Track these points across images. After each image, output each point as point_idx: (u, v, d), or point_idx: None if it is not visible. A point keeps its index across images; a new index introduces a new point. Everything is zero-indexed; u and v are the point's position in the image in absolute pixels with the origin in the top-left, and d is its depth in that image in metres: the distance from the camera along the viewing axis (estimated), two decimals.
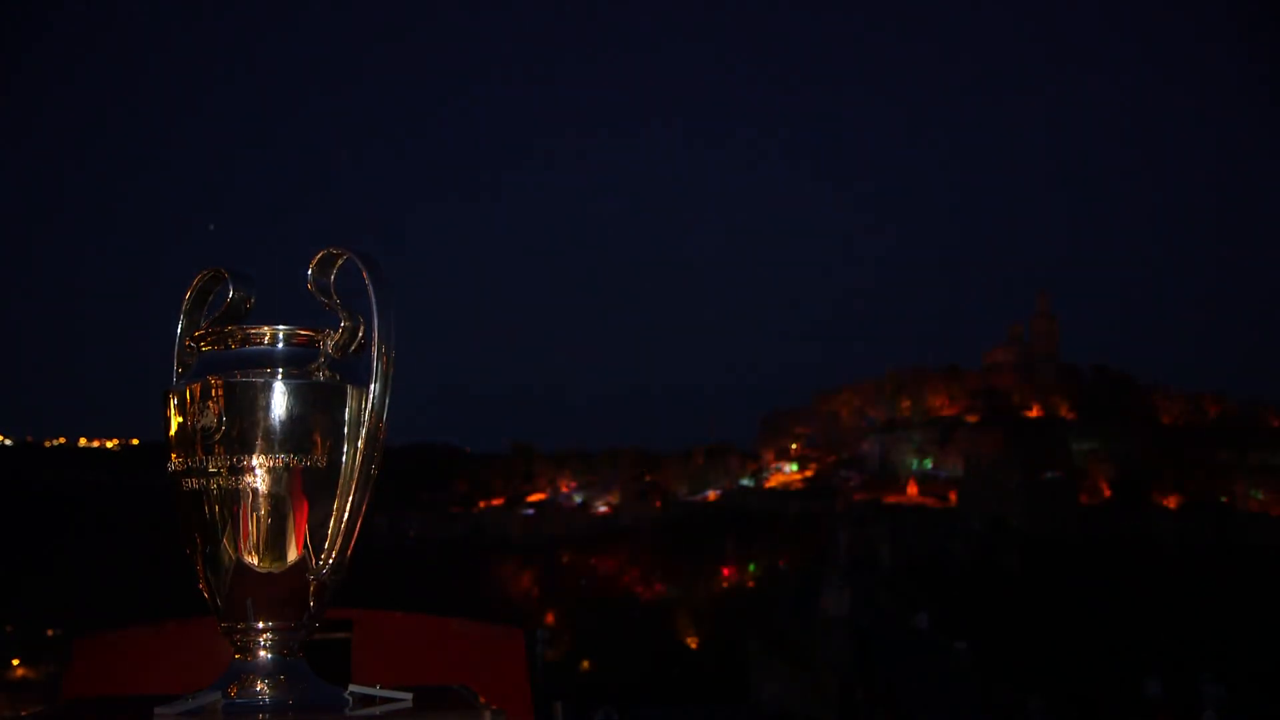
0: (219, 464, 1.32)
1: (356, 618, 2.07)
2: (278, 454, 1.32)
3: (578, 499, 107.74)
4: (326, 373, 1.35)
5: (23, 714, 1.41)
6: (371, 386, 1.36)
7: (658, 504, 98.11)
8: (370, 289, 1.35)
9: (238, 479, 1.32)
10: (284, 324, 1.38)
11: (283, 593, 1.35)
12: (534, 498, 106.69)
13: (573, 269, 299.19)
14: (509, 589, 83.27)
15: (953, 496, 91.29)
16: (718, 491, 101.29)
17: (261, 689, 1.35)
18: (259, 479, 1.32)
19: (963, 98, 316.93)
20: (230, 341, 1.37)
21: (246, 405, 1.32)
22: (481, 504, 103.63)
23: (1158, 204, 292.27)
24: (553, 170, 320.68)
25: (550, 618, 73.35)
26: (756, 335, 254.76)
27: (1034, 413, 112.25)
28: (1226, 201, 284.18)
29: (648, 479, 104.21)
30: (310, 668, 1.40)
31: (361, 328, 1.38)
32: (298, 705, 1.34)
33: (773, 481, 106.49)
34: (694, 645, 69.85)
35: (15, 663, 60.55)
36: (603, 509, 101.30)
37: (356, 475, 1.36)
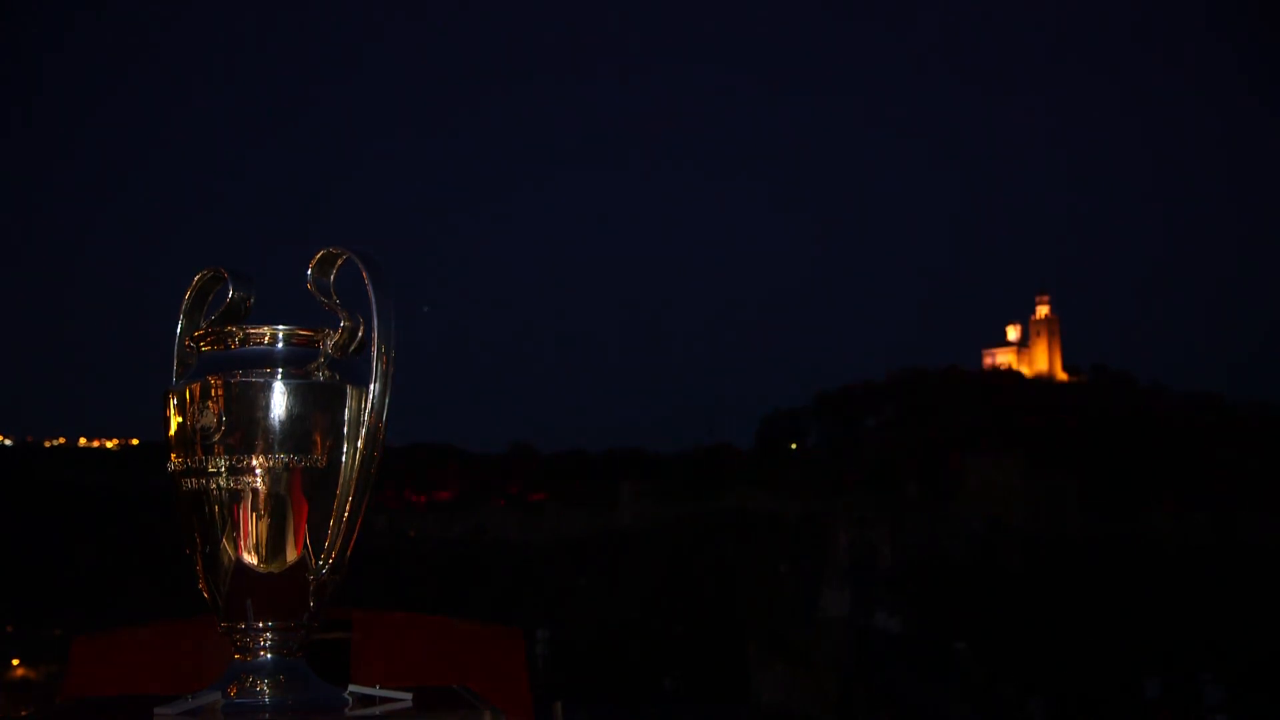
0: (219, 464, 1.32)
1: (356, 618, 2.07)
2: (278, 454, 1.32)
3: (576, 499, 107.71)
4: (326, 373, 1.35)
5: (23, 714, 1.42)
6: (371, 386, 1.36)
7: (657, 504, 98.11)
8: (370, 289, 1.35)
9: (238, 479, 1.32)
10: (284, 324, 1.38)
11: (283, 593, 1.35)
12: (534, 497, 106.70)
13: (573, 268, 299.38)
14: (508, 589, 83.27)
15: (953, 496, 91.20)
16: (718, 491, 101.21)
17: (261, 689, 1.35)
18: (259, 479, 1.32)
19: (963, 97, 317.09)
20: (230, 341, 1.37)
21: (246, 405, 1.32)
22: (481, 504, 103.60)
23: (1159, 204, 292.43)
24: (553, 168, 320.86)
25: (550, 618, 73.35)
26: (756, 335, 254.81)
27: (1034, 413, 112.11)
28: (1228, 201, 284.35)
29: (647, 479, 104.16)
30: (310, 668, 1.40)
31: (361, 328, 1.38)
32: (298, 705, 1.34)
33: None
34: (694, 645, 69.84)
35: (15, 663, 60.60)
36: (602, 509, 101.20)
37: (356, 475, 1.36)
